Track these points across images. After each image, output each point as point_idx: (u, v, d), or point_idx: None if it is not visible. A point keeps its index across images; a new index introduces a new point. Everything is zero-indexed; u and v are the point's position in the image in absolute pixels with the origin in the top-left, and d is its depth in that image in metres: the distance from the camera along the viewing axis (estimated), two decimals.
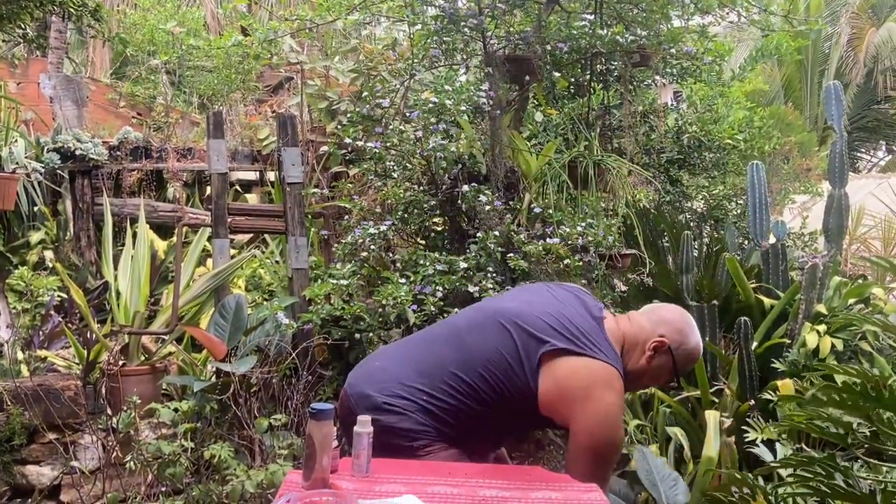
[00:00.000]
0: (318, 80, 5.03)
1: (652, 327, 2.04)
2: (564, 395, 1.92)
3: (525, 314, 2.02)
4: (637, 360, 2.04)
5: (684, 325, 2.06)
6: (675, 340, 2.03)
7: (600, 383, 1.91)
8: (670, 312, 2.11)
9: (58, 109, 6.20)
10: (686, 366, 2.08)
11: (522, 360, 1.96)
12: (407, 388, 2.00)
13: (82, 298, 3.37)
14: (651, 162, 4.31)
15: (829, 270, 3.48)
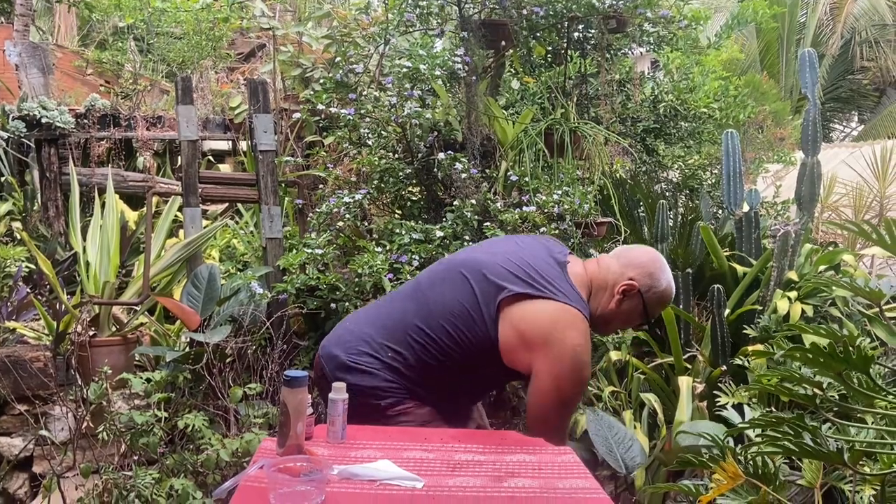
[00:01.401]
0: (290, 46, 4.93)
1: (621, 270, 2.00)
2: (524, 341, 1.88)
3: (485, 262, 1.99)
4: (606, 304, 2.00)
5: (655, 268, 2.02)
6: (644, 284, 1.99)
7: (561, 325, 1.86)
8: (641, 254, 2.06)
9: (23, 77, 6.02)
10: (657, 309, 2.05)
11: (482, 308, 1.91)
12: (372, 345, 1.98)
13: (50, 269, 3.31)
14: (627, 131, 4.30)
15: (801, 238, 3.51)
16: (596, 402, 3.20)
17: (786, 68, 12.24)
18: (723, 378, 3.10)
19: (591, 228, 3.35)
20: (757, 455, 1.52)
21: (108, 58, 6.66)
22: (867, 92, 13.64)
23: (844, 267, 3.54)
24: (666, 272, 2.03)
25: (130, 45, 6.85)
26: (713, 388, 3.02)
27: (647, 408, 3.10)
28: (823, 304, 3.28)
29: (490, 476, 1.57)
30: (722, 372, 3.12)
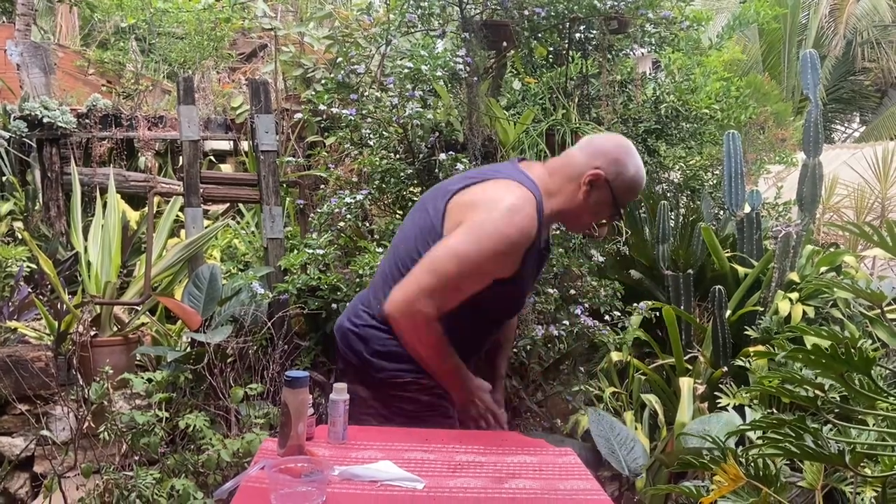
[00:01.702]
0: (292, 47, 4.94)
1: (587, 160, 1.89)
2: (461, 215, 1.82)
3: (445, 181, 2.00)
4: (574, 196, 1.89)
5: (621, 154, 1.89)
6: (611, 172, 1.87)
7: (497, 191, 1.81)
8: (606, 141, 1.94)
9: (25, 77, 6.02)
10: (627, 197, 1.91)
11: (434, 223, 1.86)
12: (367, 303, 1.99)
13: (52, 269, 3.31)
14: (628, 132, 4.29)
15: (802, 239, 3.52)
16: (597, 403, 3.20)
17: (787, 69, 12.24)
18: (724, 379, 3.10)
19: (592, 229, 3.34)
20: (758, 457, 1.52)
21: (110, 58, 6.67)
22: (869, 93, 13.63)
23: (846, 268, 3.54)
24: (633, 157, 1.90)
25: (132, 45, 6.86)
26: (714, 389, 3.02)
27: (647, 409, 3.11)
28: (825, 306, 3.29)
29: (491, 477, 1.57)
30: (723, 373, 3.12)
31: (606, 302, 3.27)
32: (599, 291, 3.22)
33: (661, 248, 3.85)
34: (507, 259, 1.81)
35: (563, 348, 3.21)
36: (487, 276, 1.82)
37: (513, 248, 1.79)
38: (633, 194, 1.93)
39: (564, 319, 3.10)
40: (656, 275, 3.88)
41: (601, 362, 3.39)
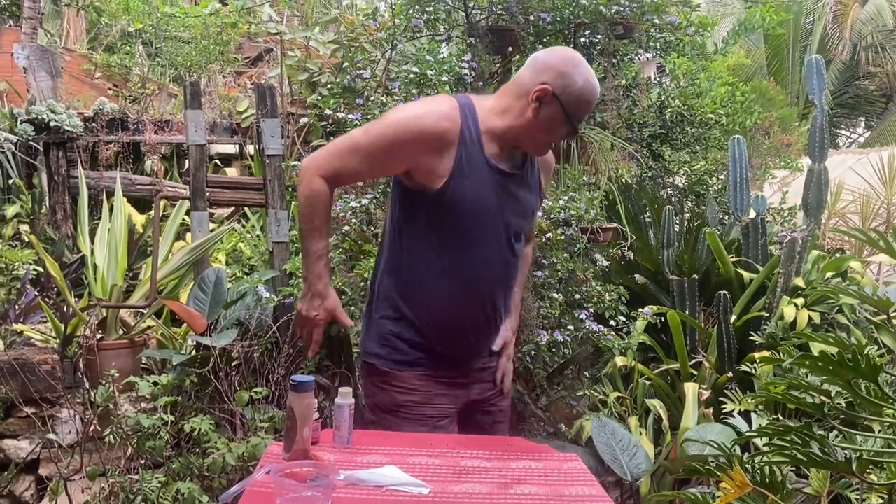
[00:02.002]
0: (298, 51, 4.96)
1: (533, 77, 1.83)
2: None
3: None
4: (523, 114, 1.83)
5: (567, 67, 1.81)
6: (558, 85, 1.79)
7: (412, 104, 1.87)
8: (551, 56, 1.86)
9: (32, 80, 6.06)
10: (579, 109, 1.83)
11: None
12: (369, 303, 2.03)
13: (58, 272, 3.32)
14: (633, 136, 4.30)
15: (808, 245, 3.51)
16: (601, 408, 3.20)
17: (792, 74, 12.22)
18: (729, 385, 3.09)
19: (597, 234, 3.35)
20: (765, 464, 1.51)
21: (117, 61, 6.70)
22: (874, 98, 13.60)
23: (851, 274, 3.53)
24: (581, 69, 1.81)
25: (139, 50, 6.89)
26: (719, 395, 3.02)
27: (652, 414, 3.10)
28: (830, 311, 3.28)
29: (496, 483, 1.57)
30: (728, 378, 3.11)
31: (612, 307, 3.27)
32: (604, 296, 3.21)
33: (665, 252, 3.85)
34: (402, 146, 1.79)
35: (568, 353, 3.21)
36: (382, 156, 1.81)
37: (407, 135, 1.78)
38: (586, 107, 1.84)
39: (569, 324, 3.10)
40: (661, 279, 3.87)
41: (605, 367, 3.39)
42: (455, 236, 1.86)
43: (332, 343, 3.44)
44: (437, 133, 1.79)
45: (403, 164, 1.83)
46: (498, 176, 1.86)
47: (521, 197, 1.93)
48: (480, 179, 1.84)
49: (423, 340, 1.92)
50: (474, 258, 1.88)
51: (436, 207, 1.84)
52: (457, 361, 1.98)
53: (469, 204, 1.83)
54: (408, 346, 1.93)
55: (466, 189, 1.82)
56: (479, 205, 1.84)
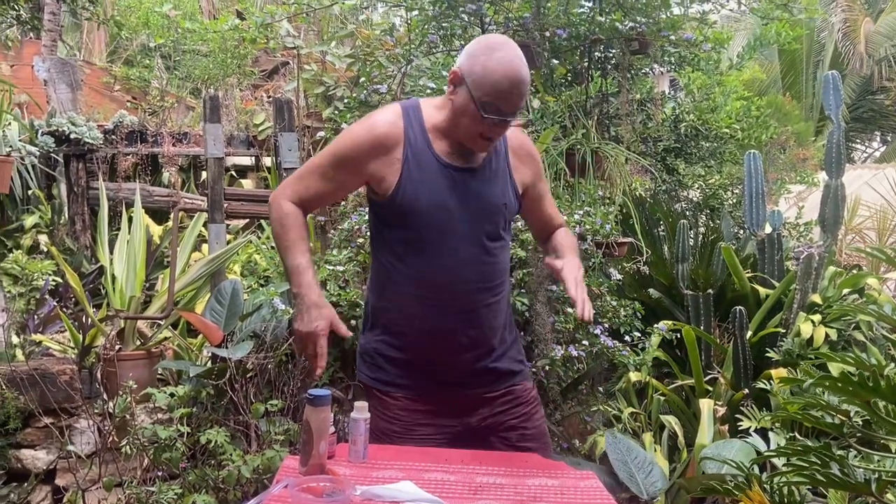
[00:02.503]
0: (314, 65, 5.00)
1: (457, 62, 1.77)
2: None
3: None
4: (447, 104, 1.78)
5: (480, 49, 1.70)
6: (465, 66, 1.69)
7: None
8: (476, 40, 1.78)
9: (52, 93, 6.15)
10: (484, 91, 1.66)
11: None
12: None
13: (78, 283, 3.36)
14: (648, 150, 4.31)
15: (825, 260, 3.49)
16: (615, 423, 3.18)
17: (806, 88, 12.19)
18: (745, 401, 3.07)
19: (612, 248, 3.35)
20: (784, 484, 1.51)
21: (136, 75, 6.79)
22: (889, 112, 13.52)
23: (868, 291, 3.51)
24: (494, 51, 1.67)
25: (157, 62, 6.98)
26: (735, 412, 3.00)
27: (667, 430, 3.08)
28: (847, 328, 3.26)
29: (512, 500, 1.57)
30: (744, 395, 3.09)
31: (626, 322, 3.26)
32: (619, 311, 3.21)
33: (680, 267, 3.84)
34: (348, 158, 1.80)
35: (582, 368, 3.20)
36: (333, 172, 1.82)
37: (351, 147, 1.80)
38: (493, 93, 1.66)
39: (584, 339, 3.09)
40: (675, 294, 3.86)
41: (619, 382, 3.37)
42: (416, 240, 1.82)
43: (346, 355, 3.45)
44: (377, 139, 1.78)
45: (356, 177, 1.83)
46: (451, 172, 1.79)
47: (484, 191, 1.82)
48: (431, 178, 1.78)
49: (403, 355, 1.89)
50: (440, 262, 1.81)
51: (394, 214, 1.81)
52: (442, 379, 1.89)
53: (422, 204, 1.78)
54: (387, 363, 1.91)
55: (417, 189, 1.77)
56: (432, 204, 1.78)
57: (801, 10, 3.67)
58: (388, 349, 1.91)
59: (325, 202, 2.00)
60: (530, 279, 3.03)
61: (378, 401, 1.92)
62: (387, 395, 1.93)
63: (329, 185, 1.85)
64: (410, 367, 1.90)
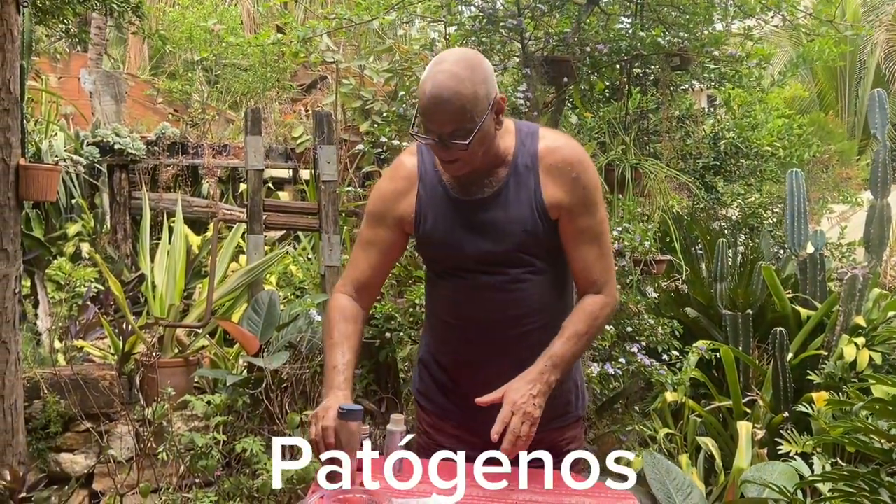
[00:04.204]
0: (352, 79, 5.06)
1: None
2: None
3: None
4: None
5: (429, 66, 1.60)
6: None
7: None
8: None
9: (97, 104, 6.31)
10: (422, 113, 1.58)
11: None
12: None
13: (120, 291, 3.42)
14: (687, 168, 4.27)
15: (869, 282, 3.41)
16: (651, 444, 3.13)
17: (848, 107, 11.97)
18: (784, 425, 3.00)
19: (650, 266, 3.31)
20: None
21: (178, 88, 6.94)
22: None
23: None
24: (432, 66, 1.57)
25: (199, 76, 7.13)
26: (774, 435, 2.93)
27: (703, 452, 3.02)
28: (892, 352, 3.17)
29: None
30: (784, 418, 3.02)
31: (664, 341, 3.22)
32: (657, 329, 3.17)
33: (718, 286, 3.78)
34: (382, 207, 1.78)
35: (618, 386, 3.17)
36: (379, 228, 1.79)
37: (383, 194, 1.79)
38: (421, 109, 1.57)
39: (620, 357, 3.06)
40: (713, 314, 3.80)
41: (654, 402, 3.32)
42: (438, 272, 1.83)
43: (380, 368, 3.46)
44: (395, 184, 1.78)
45: (394, 229, 1.79)
46: (460, 203, 1.74)
47: (498, 219, 1.72)
48: (441, 212, 1.76)
49: (439, 374, 1.89)
50: (459, 293, 1.79)
51: (421, 248, 1.85)
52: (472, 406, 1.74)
53: (436, 238, 1.77)
54: (428, 376, 1.92)
55: (430, 224, 1.76)
56: (444, 237, 1.76)
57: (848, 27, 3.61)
58: (431, 363, 1.93)
59: (381, 273, 1.85)
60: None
61: (418, 407, 1.95)
62: (420, 408, 1.95)
63: (375, 252, 1.80)
64: (442, 386, 1.90)
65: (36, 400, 3.08)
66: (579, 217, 1.70)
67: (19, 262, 2.86)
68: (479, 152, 1.63)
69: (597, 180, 1.73)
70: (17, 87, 2.81)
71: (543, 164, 1.71)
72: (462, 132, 1.56)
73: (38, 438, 3.08)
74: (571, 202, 1.69)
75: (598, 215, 1.72)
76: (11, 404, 2.78)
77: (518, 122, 1.78)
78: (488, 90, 1.58)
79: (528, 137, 1.72)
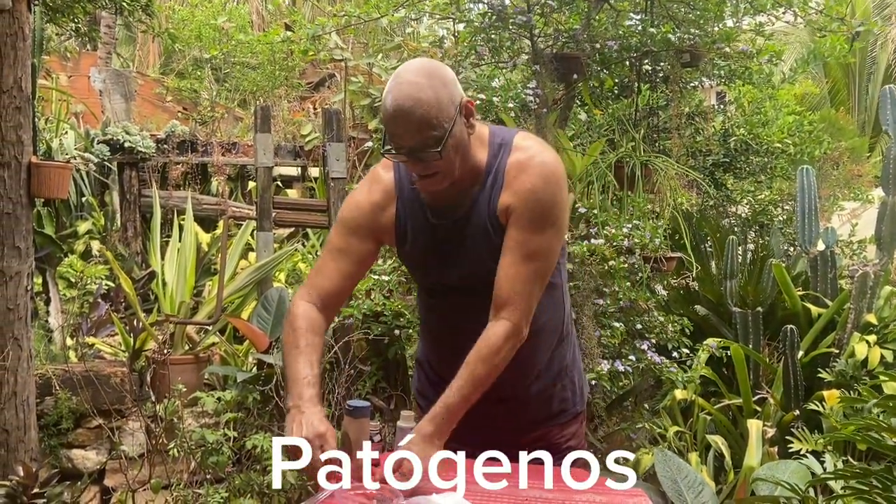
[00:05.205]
0: (361, 77, 5.07)
1: None
2: None
3: None
4: None
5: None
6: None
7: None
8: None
9: (107, 103, 6.35)
10: (384, 124, 1.52)
11: None
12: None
13: (131, 288, 3.44)
14: (696, 165, 4.25)
15: (881, 279, 3.39)
16: (660, 442, 3.13)
17: (858, 104, 11.88)
18: (795, 423, 2.99)
19: (660, 263, 3.31)
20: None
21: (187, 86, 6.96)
22: None
23: None
24: (394, 80, 1.49)
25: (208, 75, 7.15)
26: (784, 433, 2.92)
27: (713, 450, 3.02)
28: None
29: None
30: (794, 416, 3.01)
31: (674, 338, 3.21)
32: (667, 327, 3.16)
33: (728, 283, 3.76)
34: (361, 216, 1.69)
35: (628, 384, 3.16)
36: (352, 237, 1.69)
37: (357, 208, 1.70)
38: (384, 121, 1.50)
39: (630, 354, 3.05)
40: (723, 312, 3.79)
41: (664, 400, 3.32)
42: (421, 287, 1.83)
43: (388, 366, 3.46)
44: (371, 202, 1.70)
45: (368, 241, 1.71)
46: (437, 218, 1.68)
47: (473, 234, 1.66)
48: (419, 232, 1.70)
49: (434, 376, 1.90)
50: (441, 307, 1.78)
51: (403, 263, 1.84)
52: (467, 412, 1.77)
53: (416, 260, 1.75)
54: (425, 377, 1.94)
55: (409, 244, 1.72)
56: (422, 259, 1.73)
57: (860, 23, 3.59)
58: (425, 363, 1.95)
59: (349, 284, 1.74)
60: (576, 292, 3.00)
61: (416, 410, 1.95)
62: (420, 407, 1.95)
63: (346, 261, 1.70)
64: (437, 386, 1.87)
65: (48, 396, 3.10)
66: (519, 228, 1.58)
67: (31, 260, 2.87)
68: (456, 161, 1.55)
69: (557, 200, 1.59)
70: (28, 86, 2.83)
71: (508, 178, 1.60)
72: (431, 140, 1.48)
73: (51, 435, 3.10)
74: (519, 209, 1.58)
75: (542, 236, 1.57)
76: (24, 401, 2.80)
77: (493, 128, 1.68)
78: (451, 94, 1.51)
79: (501, 149, 1.63)
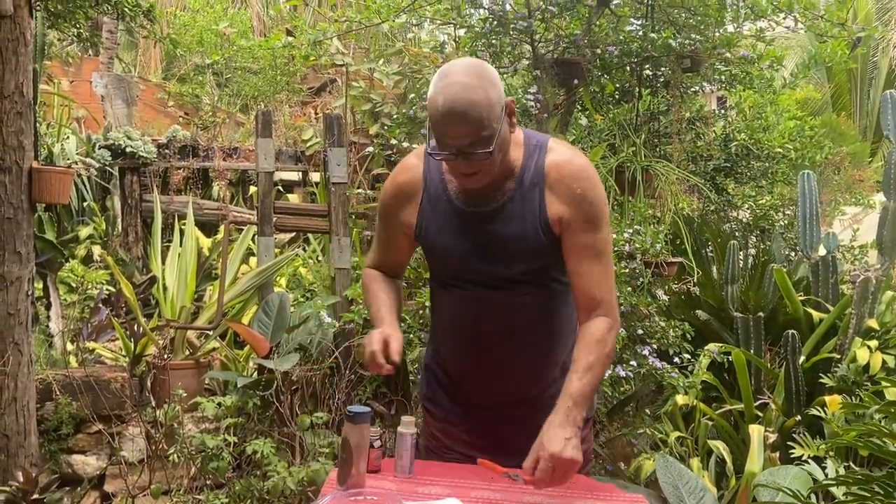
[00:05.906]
0: (362, 82, 5.07)
1: None
2: None
3: None
4: None
5: (435, 77, 1.58)
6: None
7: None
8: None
9: (108, 108, 6.35)
10: (432, 125, 1.56)
11: None
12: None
13: (132, 293, 3.44)
14: (697, 169, 4.25)
15: (882, 284, 3.39)
16: (661, 447, 3.12)
17: (859, 109, 11.88)
18: (796, 428, 2.98)
19: (661, 268, 3.30)
20: None
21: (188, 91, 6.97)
22: None
23: None
24: (441, 80, 1.53)
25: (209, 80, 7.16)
26: (786, 439, 2.91)
27: (714, 456, 3.01)
28: None
29: None
30: (796, 422, 3.00)
31: (675, 343, 3.20)
32: (668, 332, 3.15)
33: (729, 289, 3.76)
34: (388, 205, 1.81)
35: (629, 389, 3.15)
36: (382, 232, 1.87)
37: (387, 196, 1.81)
38: (434, 124, 1.55)
39: (631, 359, 3.04)
40: (724, 317, 3.78)
41: (666, 405, 3.31)
42: (440, 281, 1.83)
43: None
44: (398, 188, 1.78)
45: (396, 230, 1.81)
46: (463, 214, 1.72)
47: (500, 232, 1.69)
48: (443, 221, 1.74)
49: (445, 379, 1.90)
50: (460, 303, 1.79)
51: (425, 255, 1.86)
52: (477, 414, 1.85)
53: (438, 248, 1.77)
54: (435, 381, 1.93)
55: (432, 233, 1.75)
56: (445, 247, 1.75)
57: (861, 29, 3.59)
58: (437, 369, 1.93)
59: (404, 259, 1.92)
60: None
61: (423, 415, 1.95)
62: (428, 412, 1.95)
63: (391, 247, 1.87)
64: (448, 391, 1.90)
65: (48, 402, 3.10)
66: (582, 233, 1.65)
67: (32, 265, 2.87)
68: (499, 160, 1.60)
69: (603, 197, 1.70)
70: (29, 91, 2.83)
71: (549, 178, 1.66)
72: (482, 142, 1.52)
73: (51, 440, 3.10)
74: (575, 217, 1.65)
75: (602, 233, 1.68)
76: (24, 406, 2.80)
77: (527, 132, 1.75)
78: (499, 94, 1.56)
79: (536, 150, 1.69)
